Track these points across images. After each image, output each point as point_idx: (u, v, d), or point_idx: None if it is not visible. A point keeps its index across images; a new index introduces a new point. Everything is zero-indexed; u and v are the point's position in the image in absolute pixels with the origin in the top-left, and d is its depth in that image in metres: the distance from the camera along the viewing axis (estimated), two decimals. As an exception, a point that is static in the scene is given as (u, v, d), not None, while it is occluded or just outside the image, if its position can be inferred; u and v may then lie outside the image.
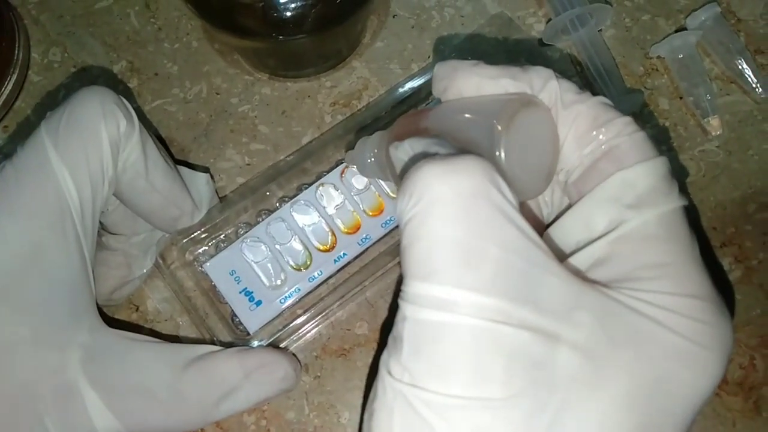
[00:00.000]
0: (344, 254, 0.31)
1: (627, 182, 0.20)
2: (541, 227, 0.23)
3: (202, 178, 0.31)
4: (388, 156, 0.24)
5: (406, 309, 0.19)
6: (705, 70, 0.33)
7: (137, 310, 0.31)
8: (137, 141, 0.26)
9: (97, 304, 0.26)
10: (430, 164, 0.19)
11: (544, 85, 0.22)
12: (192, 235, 0.30)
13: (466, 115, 0.22)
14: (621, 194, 0.20)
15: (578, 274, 0.20)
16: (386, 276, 0.31)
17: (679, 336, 0.19)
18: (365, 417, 0.20)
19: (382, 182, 0.31)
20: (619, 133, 0.21)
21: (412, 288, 0.18)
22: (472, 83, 0.22)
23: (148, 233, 0.30)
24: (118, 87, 0.35)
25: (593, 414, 0.18)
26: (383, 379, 0.19)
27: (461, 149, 0.21)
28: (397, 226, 0.31)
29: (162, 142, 0.33)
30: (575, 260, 0.21)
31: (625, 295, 0.19)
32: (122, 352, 0.25)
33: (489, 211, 0.18)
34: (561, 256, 0.21)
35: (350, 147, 0.29)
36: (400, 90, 0.32)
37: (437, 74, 0.23)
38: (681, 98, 0.33)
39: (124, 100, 0.26)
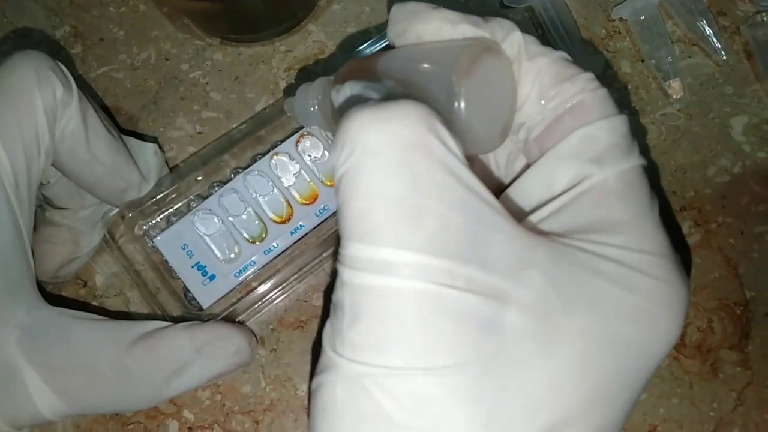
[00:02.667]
0: (301, 225, 0.30)
1: (589, 137, 0.20)
2: (499, 188, 0.23)
3: (150, 148, 0.30)
4: (331, 103, 0.23)
5: (344, 273, 0.17)
6: (667, 32, 0.33)
7: (85, 285, 0.30)
8: (76, 109, 0.25)
9: (38, 281, 0.25)
10: (362, 111, 0.17)
11: (507, 36, 0.20)
12: (140, 208, 0.29)
13: (422, 61, 0.20)
14: (583, 149, 0.20)
15: (534, 228, 0.19)
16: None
17: (634, 294, 0.18)
18: (311, 391, 0.19)
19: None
20: (583, 89, 0.20)
21: (350, 250, 0.17)
22: (431, 28, 0.21)
23: (95, 207, 0.29)
24: (61, 53, 0.33)
25: (545, 377, 0.17)
26: (325, 353, 0.18)
27: (409, 96, 0.19)
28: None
29: (108, 111, 0.32)
30: (533, 217, 0.20)
31: (578, 248, 0.18)
32: (64, 330, 0.24)
33: (429, 163, 0.17)
34: (521, 216, 0.20)
35: (290, 94, 0.26)
36: (360, 55, 0.31)
37: (394, 16, 0.22)
38: (643, 61, 0.33)
39: (62, 66, 0.25)
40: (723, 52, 0.33)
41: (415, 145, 0.17)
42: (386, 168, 0.17)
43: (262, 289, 0.28)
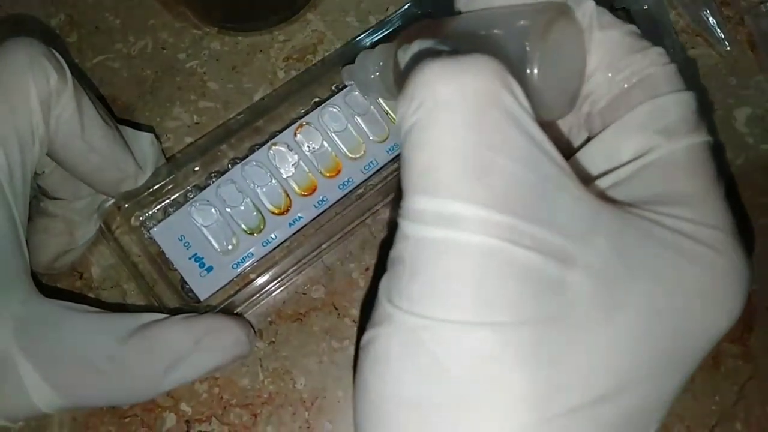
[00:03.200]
0: (300, 217, 0.30)
1: (658, 110, 0.19)
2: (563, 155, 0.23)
3: (146, 138, 0.29)
4: (396, 65, 0.22)
5: (406, 227, 0.17)
6: (671, 23, 0.33)
7: (81, 277, 0.29)
8: (70, 97, 0.24)
9: (33, 272, 0.24)
10: (434, 63, 0.17)
11: (580, 4, 0.20)
12: (137, 199, 0.29)
13: (494, 24, 0.20)
14: (651, 122, 0.19)
15: (600, 195, 0.19)
16: (345, 239, 0.30)
17: (699, 266, 0.18)
18: (361, 346, 0.18)
19: (339, 142, 0.30)
20: (653, 62, 0.20)
21: (414, 203, 0.17)
22: None
23: (91, 198, 0.28)
24: (56, 42, 0.33)
25: (606, 343, 0.17)
26: (381, 305, 0.18)
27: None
28: (355, 188, 0.30)
29: (103, 101, 0.32)
30: (599, 184, 0.20)
31: (645, 219, 0.18)
32: (60, 322, 0.23)
33: (500, 117, 0.16)
34: (586, 182, 0.19)
35: (348, 62, 0.26)
36: (360, 44, 0.31)
37: None
38: (646, 52, 0.32)
39: (56, 53, 0.24)
40: (727, 43, 0.32)
41: (488, 98, 0.16)
42: (457, 121, 0.16)
43: (260, 281, 0.28)
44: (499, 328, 0.16)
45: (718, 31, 0.32)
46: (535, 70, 0.19)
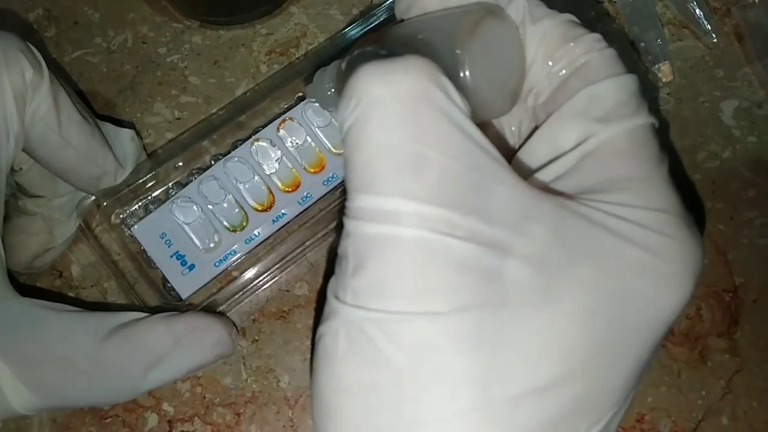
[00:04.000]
0: (283, 214, 0.29)
1: (596, 97, 0.19)
2: (511, 154, 0.22)
3: (126, 134, 0.29)
4: (339, 75, 0.23)
5: (348, 225, 0.17)
6: (657, 15, 0.32)
7: (60, 276, 0.29)
8: (47, 92, 0.24)
9: (10, 272, 0.24)
10: (368, 65, 0.17)
11: (511, 0, 0.20)
12: (117, 196, 0.28)
13: (426, 30, 0.20)
14: (589, 109, 0.19)
15: (541, 187, 0.19)
16: (329, 236, 0.29)
17: (642, 249, 0.18)
18: (314, 344, 0.19)
19: (323, 137, 0.30)
20: (589, 49, 0.20)
21: (355, 201, 0.17)
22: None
23: (71, 195, 0.28)
24: (34, 36, 0.32)
25: (546, 329, 0.17)
26: (329, 303, 0.18)
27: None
28: (340, 184, 0.30)
29: (83, 97, 0.31)
30: (540, 175, 0.20)
31: (586, 207, 0.18)
32: (37, 322, 0.23)
33: (432, 114, 0.17)
34: (528, 176, 0.20)
35: (308, 81, 0.27)
36: (344, 38, 0.30)
37: None
38: (632, 44, 0.32)
39: (31, 47, 0.24)
40: (713, 35, 0.32)
41: (419, 96, 0.17)
42: (390, 118, 0.17)
43: (243, 278, 0.28)
44: (437, 317, 0.16)
45: (705, 22, 0.32)
46: (467, 72, 0.19)
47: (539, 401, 0.17)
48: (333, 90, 0.25)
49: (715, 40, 0.32)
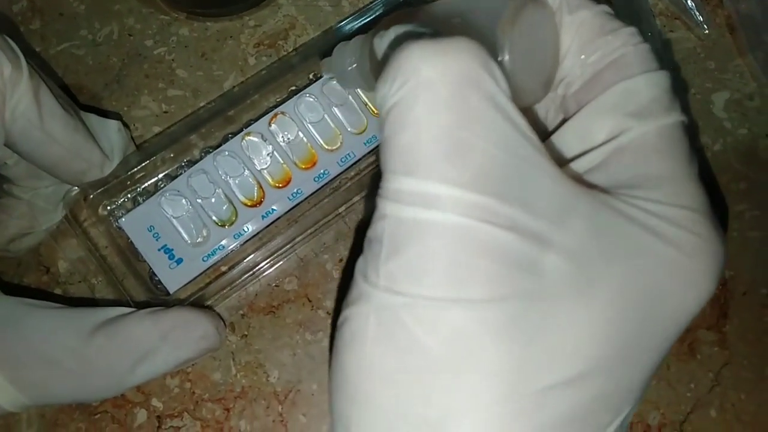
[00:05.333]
0: (273, 209, 0.29)
1: (630, 91, 0.19)
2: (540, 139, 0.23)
3: (113, 125, 0.28)
4: (372, 54, 0.22)
5: (385, 207, 0.17)
6: (649, 6, 0.32)
7: (47, 272, 0.29)
8: (26, 87, 0.23)
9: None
10: (416, 45, 0.17)
11: None
12: (105, 187, 0.28)
13: (467, 11, 0.20)
14: (623, 103, 0.19)
15: (577, 179, 0.19)
16: (319, 233, 0.29)
17: (673, 247, 0.18)
18: (337, 326, 0.19)
19: (315, 133, 0.29)
20: (625, 43, 0.20)
21: (393, 183, 0.17)
22: None
23: (57, 186, 0.27)
24: (18, 29, 0.31)
25: (580, 323, 0.17)
26: (357, 284, 0.18)
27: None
28: (331, 181, 0.29)
29: (68, 90, 0.31)
30: (574, 166, 0.20)
31: (621, 201, 0.18)
32: (22, 319, 0.23)
33: (480, 100, 0.17)
34: (559, 164, 0.19)
35: (324, 55, 0.26)
36: (341, 31, 0.30)
37: None
38: (624, 35, 0.32)
39: (10, 41, 0.23)
40: (705, 26, 0.32)
41: (469, 81, 0.17)
42: (438, 101, 0.17)
43: (232, 273, 0.28)
44: (473, 305, 0.16)
45: (697, 14, 0.32)
46: (507, 57, 0.19)
47: (568, 394, 0.17)
48: (354, 66, 0.24)
49: (707, 31, 0.32)
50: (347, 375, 0.18)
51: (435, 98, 0.16)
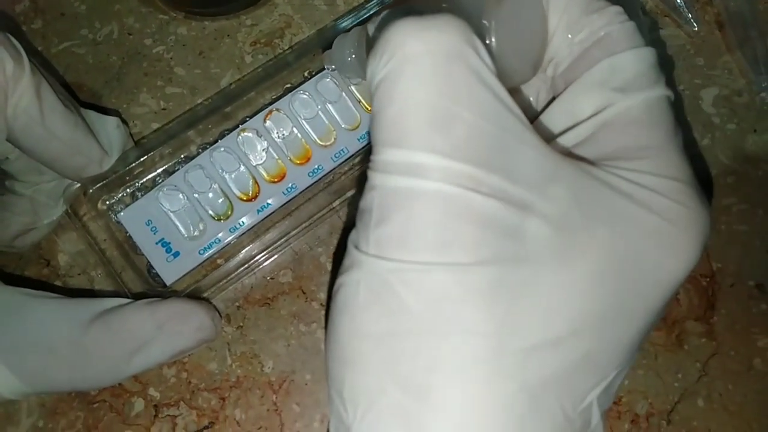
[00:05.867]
0: (268, 204, 0.29)
1: (615, 67, 0.20)
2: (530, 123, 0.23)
3: (111, 121, 0.29)
4: (368, 39, 0.23)
5: (374, 178, 0.18)
6: (638, 3, 0.32)
7: (48, 264, 0.29)
8: (29, 84, 0.24)
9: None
10: (402, 21, 0.18)
11: None
12: (104, 182, 0.28)
13: None
14: (609, 79, 0.20)
15: (563, 152, 0.20)
16: (313, 227, 0.30)
17: (656, 215, 0.18)
18: (332, 295, 0.19)
19: (309, 129, 0.30)
20: (611, 21, 0.20)
21: (382, 155, 0.18)
22: None
23: (58, 181, 0.28)
24: (21, 29, 0.32)
25: (562, 286, 0.17)
26: (350, 254, 0.19)
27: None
28: (325, 176, 0.30)
29: (69, 88, 0.31)
30: (561, 140, 0.20)
31: (605, 172, 0.19)
32: (21, 309, 0.23)
33: (464, 73, 0.17)
34: (548, 140, 0.20)
35: (327, 48, 0.27)
36: (337, 29, 0.31)
37: None
38: (613, 33, 0.32)
39: (12, 39, 0.24)
40: (694, 23, 0.32)
41: (453, 55, 0.17)
42: (423, 75, 0.17)
43: (228, 266, 0.28)
44: (457, 269, 0.17)
45: (686, 10, 0.32)
46: (493, 38, 0.19)
47: (550, 354, 0.17)
48: (353, 56, 0.25)
49: (696, 28, 0.32)
50: (340, 339, 0.18)
51: (420, 71, 0.17)
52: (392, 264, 0.17)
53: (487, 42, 0.19)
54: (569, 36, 0.21)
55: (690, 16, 0.32)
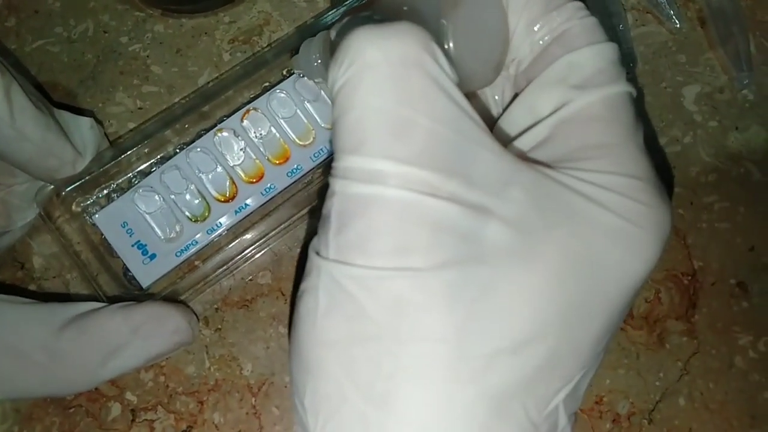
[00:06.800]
0: (246, 204, 0.29)
1: (574, 64, 0.20)
2: (494, 123, 0.23)
3: (85, 122, 0.28)
4: (331, 45, 0.23)
5: (334, 184, 0.18)
6: (620, 0, 0.32)
7: (22, 267, 0.29)
8: (-3, 84, 0.23)
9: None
10: (362, 29, 0.18)
11: None
12: (78, 183, 0.28)
13: (412, 2, 0.21)
14: (567, 76, 0.20)
15: (520, 155, 0.20)
16: (292, 228, 0.29)
17: (614, 214, 0.18)
18: (296, 301, 0.19)
19: (288, 128, 0.30)
20: (570, 17, 0.20)
21: (341, 162, 0.18)
22: None
23: (31, 183, 0.28)
24: (-6, 26, 0.32)
25: (522, 289, 0.17)
26: (310, 260, 0.19)
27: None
28: (304, 176, 0.29)
29: (42, 88, 0.31)
30: (519, 143, 0.20)
31: (563, 174, 0.19)
32: (-9, 314, 0.23)
33: (422, 80, 0.18)
34: (507, 143, 0.20)
35: (295, 52, 0.27)
36: (316, 26, 0.30)
37: None
38: (595, 30, 0.32)
39: (-20, 38, 0.24)
40: (676, 20, 0.32)
41: (411, 62, 0.17)
42: (381, 82, 0.17)
43: (206, 268, 0.28)
44: (416, 274, 0.17)
45: (668, 7, 0.32)
46: (451, 44, 0.19)
47: (513, 358, 0.17)
48: (319, 61, 0.25)
49: (678, 25, 0.32)
50: (301, 346, 0.18)
51: (378, 78, 0.17)
52: (351, 270, 0.17)
53: (446, 47, 0.19)
54: (530, 34, 0.21)
55: (672, 12, 0.32)
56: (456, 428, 0.17)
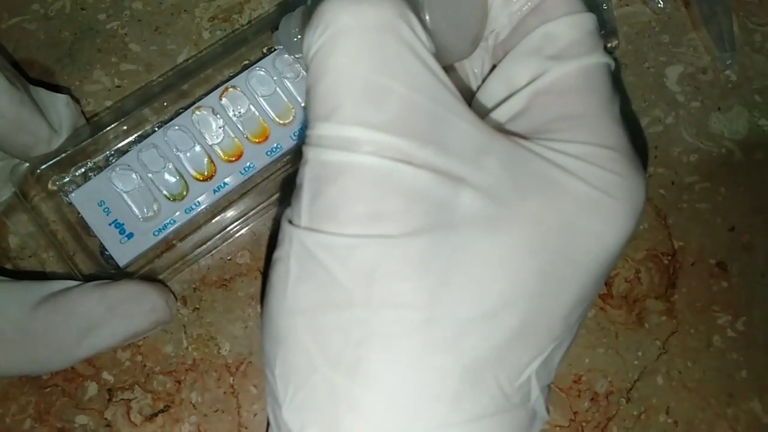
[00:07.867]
0: (225, 183, 0.29)
1: (550, 34, 0.20)
2: (472, 95, 0.23)
3: (61, 99, 0.28)
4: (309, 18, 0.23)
5: (307, 152, 0.18)
6: (604, -22, 0.32)
7: (-3, 247, 0.28)
8: (-31, 60, 0.23)
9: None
10: None
11: None
12: (54, 160, 0.28)
13: None
14: (543, 46, 0.20)
15: (497, 127, 0.19)
16: (272, 207, 0.29)
17: (588, 184, 0.18)
18: (269, 272, 0.19)
19: (267, 107, 0.29)
20: None
21: (315, 129, 0.18)
22: None
23: (6, 161, 0.27)
24: (-32, 3, 0.31)
25: (494, 257, 0.17)
26: (282, 229, 0.19)
27: None
28: (283, 155, 0.29)
29: (19, 66, 0.30)
30: (496, 114, 0.20)
31: (538, 145, 0.19)
32: (-37, 291, 0.23)
33: (397, 46, 0.17)
34: (484, 115, 0.20)
35: (276, 29, 0.27)
36: (292, 6, 0.30)
37: None
38: (578, 9, 0.32)
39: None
40: (660, 0, 0.32)
41: (386, 28, 0.17)
42: (356, 48, 0.17)
43: (184, 247, 0.28)
44: (387, 241, 0.17)
45: (652, -13, 0.32)
46: (427, 16, 0.19)
47: (484, 327, 0.17)
48: (299, 36, 0.25)
49: (662, 5, 0.32)
50: (272, 315, 0.18)
51: (353, 44, 0.17)
52: (323, 237, 0.17)
53: (422, 17, 0.19)
54: (507, 5, 0.20)
55: (656, -8, 0.32)
56: (426, 397, 0.17)
